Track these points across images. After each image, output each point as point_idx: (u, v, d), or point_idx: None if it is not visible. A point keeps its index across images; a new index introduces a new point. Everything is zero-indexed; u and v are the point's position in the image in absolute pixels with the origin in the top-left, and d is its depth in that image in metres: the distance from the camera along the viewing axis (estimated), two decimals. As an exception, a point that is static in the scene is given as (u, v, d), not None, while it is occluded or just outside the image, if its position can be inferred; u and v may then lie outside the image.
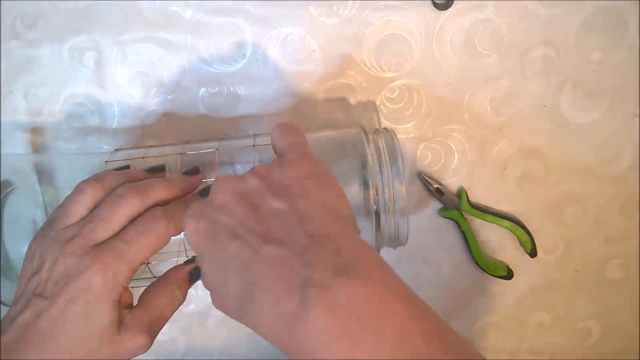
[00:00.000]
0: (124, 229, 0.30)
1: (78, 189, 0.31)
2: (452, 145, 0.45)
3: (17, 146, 0.44)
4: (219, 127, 0.44)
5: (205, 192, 0.33)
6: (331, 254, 0.24)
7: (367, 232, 0.38)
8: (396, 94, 0.44)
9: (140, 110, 0.44)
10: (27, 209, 0.37)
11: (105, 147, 0.44)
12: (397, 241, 0.38)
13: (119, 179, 0.32)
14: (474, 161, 0.46)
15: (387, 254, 0.48)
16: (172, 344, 0.50)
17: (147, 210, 0.31)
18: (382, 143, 0.38)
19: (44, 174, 0.38)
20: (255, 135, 0.40)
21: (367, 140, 0.38)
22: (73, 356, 0.28)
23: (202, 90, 0.44)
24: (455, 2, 0.42)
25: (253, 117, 0.44)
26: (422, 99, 0.44)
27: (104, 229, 0.30)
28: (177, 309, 0.33)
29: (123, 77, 0.43)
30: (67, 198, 0.32)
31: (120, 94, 0.43)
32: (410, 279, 0.48)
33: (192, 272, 0.33)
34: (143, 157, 0.38)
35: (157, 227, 0.30)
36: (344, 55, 0.43)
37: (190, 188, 0.34)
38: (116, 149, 0.43)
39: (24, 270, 0.30)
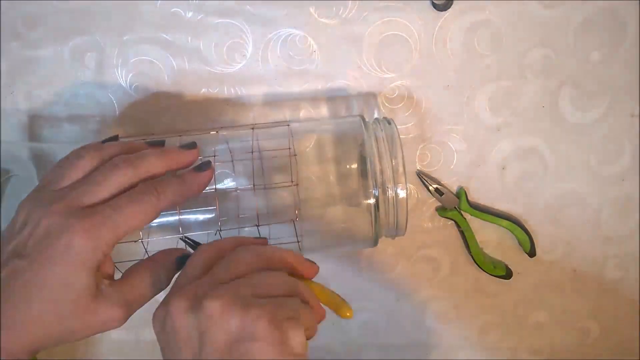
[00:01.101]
0: (114, 197, 0.30)
1: (77, 154, 0.31)
2: (451, 145, 0.45)
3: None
4: (219, 127, 0.44)
5: (201, 167, 0.33)
6: None
7: (365, 220, 0.38)
8: (396, 94, 0.44)
9: (141, 111, 0.44)
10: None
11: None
12: (395, 230, 0.38)
13: (117, 149, 0.32)
14: (473, 161, 0.46)
15: (387, 254, 0.48)
16: (172, 343, 0.50)
17: (140, 181, 0.31)
18: (380, 130, 0.38)
19: (42, 163, 0.38)
20: (254, 124, 0.41)
21: (366, 127, 0.38)
22: (43, 320, 0.28)
23: (203, 90, 0.44)
24: (454, 2, 0.42)
25: (253, 117, 0.44)
26: (422, 100, 0.44)
27: (94, 194, 0.29)
28: (158, 293, 0.32)
29: (124, 78, 0.43)
30: (65, 161, 0.31)
31: (121, 94, 0.44)
32: (409, 278, 0.49)
33: (181, 258, 0.33)
34: (143, 140, 0.38)
35: (148, 200, 0.30)
36: (344, 55, 0.43)
37: (186, 161, 0.33)
38: (117, 135, 0.43)
39: (7, 229, 0.30)
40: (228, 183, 0.37)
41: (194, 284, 0.28)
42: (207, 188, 0.34)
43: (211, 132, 0.39)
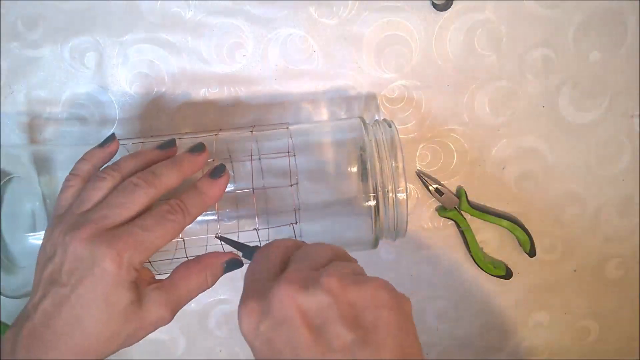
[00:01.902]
0: (140, 215, 0.30)
1: (98, 177, 0.32)
2: (451, 145, 0.45)
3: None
4: (219, 127, 0.44)
5: (214, 173, 0.33)
6: None
7: (365, 222, 0.38)
8: (396, 94, 0.44)
9: (141, 110, 0.44)
10: (26, 201, 0.37)
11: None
12: (395, 232, 0.38)
13: (134, 164, 0.33)
14: (473, 161, 0.46)
15: (387, 253, 0.48)
16: (172, 343, 0.50)
17: (159, 197, 0.32)
18: (380, 132, 0.38)
19: (42, 165, 0.38)
20: (253, 126, 0.41)
21: (366, 129, 0.38)
22: (99, 339, 0.29)
23: (203, 90, 0.44)
24: (454, 2, 0.42)
25: (253, 117, 0.44)
26: (422, 100, 0.44)
27: (118, 215, 0.30)
28: (201, 293, 0.33)
29: (124, 78, 0.43)
30: (86, 185, 0.32)
31: (121, 94, 0.44)
32: (410, 278, 0.49)
33: (229, 262, 0.33)
34: (142, 142, 0.38)
35: (175, 219, 0.31)
36: (344, 56, 0.43)
37: (198, 166, 0.34)
38: (113, 134, 0.42)
39: (39, 257, 0.31)
40: (227, 186, 0.37)
41: (293, 272, 0.27)
42: None
43: (210, 135, 0.39)
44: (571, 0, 0.42)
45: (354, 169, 0.38)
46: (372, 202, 0.37)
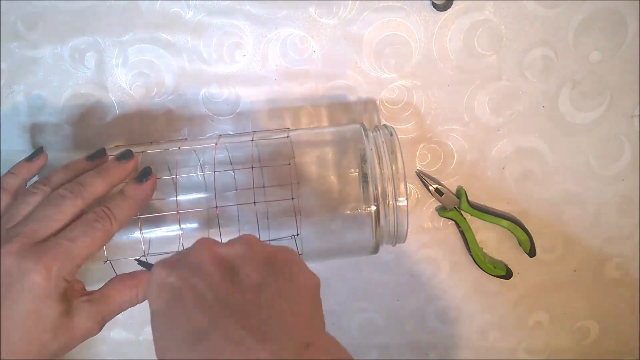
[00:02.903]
0: (67, 226, 0.31)
1: (29, 191, 0.32)
2: (451, 145, 0.45)
3: (18, 146, 0.44)
4: (219, 127, 0.44)
5: (139, 178, 0.34)
6: (298, 346, 0.23)
7: (366, 228, 0.38)
8: (396, 94, 0.44)
9: (141, 110, 0.44)
10: None
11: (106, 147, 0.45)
12: (396, 237, 0.38)
13: (65, 176, 0.33)
14: (473, 161, 0.46)
15: (387, 253, 0.48)
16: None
17: (88, 206, 0.32)
18: (381, 139, 0.38)
19: (42, 171, 0.38)
20: (254, 132, 0.41)
21: (367, 136, 0.38)
22: (27, 354, 0.29)
23: (203, 90, 0.44)
24: (454, 2, 0.42)
25: (253, 117, 0.44)
26: (422, 100, 0.44)
27: (46, 228, 0.30)
28: (132, 306, 0.33)
29: (124, 78, 0.43)
30: (17, 200, 0.32)
31: (121, 94, 0.44)
32: (409, 278, 0.49)
33: None
34: (143, 152, 0.38)
35: (102, 227, 0.31)
36: (344, 55, 0.43)
37: (125, 174, 0.34)
38: (116, 145, 0.43)
39: None
40: (229, 194, 0.37)
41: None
42: (207, 194, 0.35)
43: (210, 144, 0.39)
44: (571, 0, 0.42)
45: (355, 175, 0.38)
46: (373, 208, 0.37)
